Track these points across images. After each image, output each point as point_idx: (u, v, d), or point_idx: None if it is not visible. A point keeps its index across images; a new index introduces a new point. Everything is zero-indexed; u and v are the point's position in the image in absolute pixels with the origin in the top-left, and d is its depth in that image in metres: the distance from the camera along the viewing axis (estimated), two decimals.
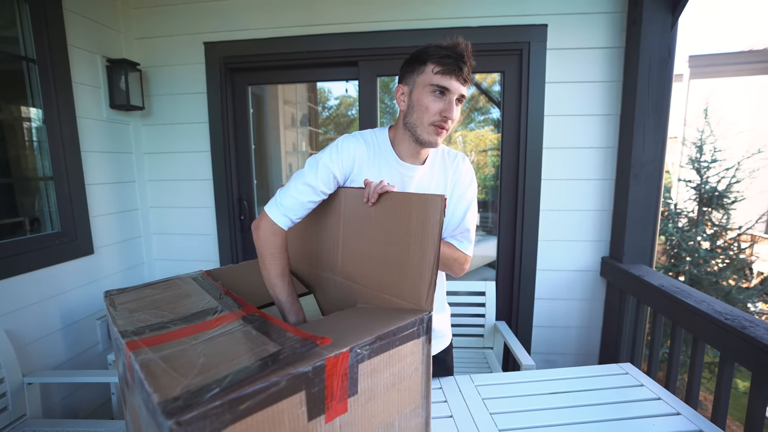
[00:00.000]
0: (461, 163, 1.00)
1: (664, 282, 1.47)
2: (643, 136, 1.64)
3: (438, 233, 0.71)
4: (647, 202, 1.68)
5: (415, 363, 0.72)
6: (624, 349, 1.71)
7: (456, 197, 0.99)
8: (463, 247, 0.96)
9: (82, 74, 1.66)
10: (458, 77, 0.84)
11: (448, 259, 0.94)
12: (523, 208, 1.85)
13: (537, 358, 1.95)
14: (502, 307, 2.00)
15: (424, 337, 0.73)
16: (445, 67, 0.84)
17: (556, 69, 1.76)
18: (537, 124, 1.79)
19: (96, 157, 1.74)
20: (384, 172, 0.93)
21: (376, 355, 0.64)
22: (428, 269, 0.73)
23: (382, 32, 1.82)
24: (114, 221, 1.85)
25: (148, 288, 0.90)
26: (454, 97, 0.86)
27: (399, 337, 0.68)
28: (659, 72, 1.60)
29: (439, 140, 0.90)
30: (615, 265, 1.72)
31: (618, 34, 1.71)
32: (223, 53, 1.92)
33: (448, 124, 0.88)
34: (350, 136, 0.95)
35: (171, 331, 0.66)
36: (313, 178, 0.89)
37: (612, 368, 1.18)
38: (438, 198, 0.71)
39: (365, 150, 0.93)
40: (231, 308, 0.75)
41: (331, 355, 0.57)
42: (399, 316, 0.71)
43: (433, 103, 0.86)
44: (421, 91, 0.87)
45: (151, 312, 0.75)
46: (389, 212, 0.81)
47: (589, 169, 1.80)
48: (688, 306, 1.27)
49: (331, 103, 4.55)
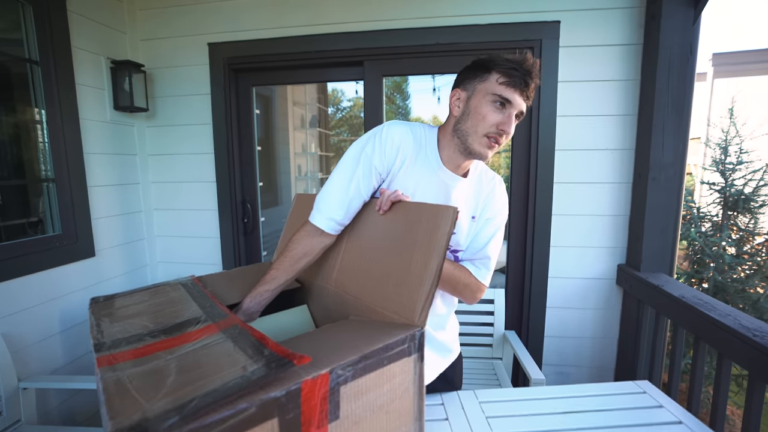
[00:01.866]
0: (497, 186, 0.95)
1: (685, 292, 1.39)
2: (662, 137, 1.56)
3: (444, 244, 0.66)
4: (667, 207, 1.60)
5: (405, 383, 0.67)
6: (642, 364, 1.62)
7: (483, 220, 0.93)
8: (479, 274, 0.89)
9: (85, 76, 1.66)
10: (522, 92, 0.80)
11: (459, 283, 0.88)
12: (535, 213, 1.78)
13: (548, 370, 1.87)
14: (511, 316, 1.93)
15: (415, 355, 0.68)
16: (512, 80, 0.80)
17: (569, 67, 1.69)
18: (549, 124, 1.72)
19: (99, 158, 1.74)
20: (424, 174, 0.87)
21: (362, 375, 0.59)
22: (428, 281, 0.68)
23: (387, 31, 1.78)
24: (116, 223, 1.86)
25: (136, 294, 0.87)
26: (514, 112, 0.81)
27: (388, 355, 0.63)
28: (680, 70, 1.52)
29: (489, 154, 0.84)
30: (632, 273, 1.63)
31: (635, 30, 1.63)
32: (227, 54, 1.91)
33: (502, 138, 0.83)
34: (397, 123, 0.87)
35: (148, 344, 0.62)
36: (352, 170, 0.84)
37: (628, 386, 1.10)
38: (450, 209, 0.67)
39: (412, 143, 0.86)
40: (214, 318, 0.71)
41: (308, 377, 0.52)
42: (388, 332, 0.66)
43: (491, 114, 0.81)
44: (481, 99, 0.82)
45: (132, 322, 0.72)
46: (399, 221, 0.78)
47: (604, 171, 1.73)
48: (712, 320, 1.18)
49: (342, 104, 4.53)
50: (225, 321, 0.69)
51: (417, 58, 1.84)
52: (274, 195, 3.45)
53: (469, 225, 0.92)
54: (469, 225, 0.92)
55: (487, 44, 1.73)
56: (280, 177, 3.74)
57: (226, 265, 2.07)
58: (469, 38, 1.74)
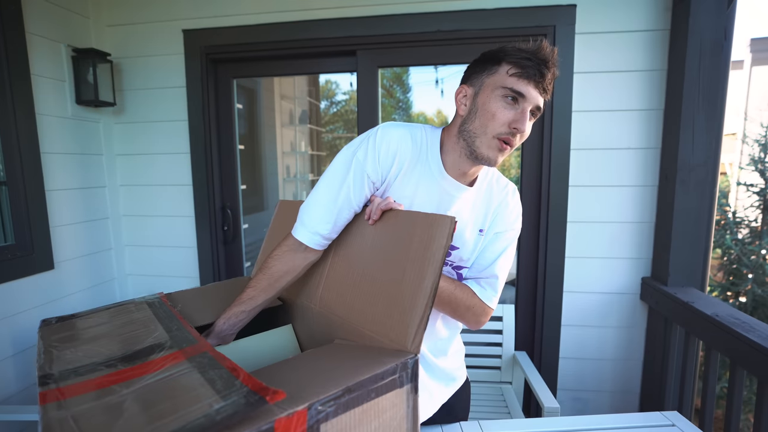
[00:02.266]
0: (510, 197, 0.92)
1: (720, 310, 1.37)
2: (692, 134, 1.55)
3: (441, 259, 0.65)
4: (698, 213, 1.59)
5: (397, 418, 0.66)
6: (671, 391, 1.60)
7: (492, 234, 0.91)
8: (484, 295, 0.86)
9: (42, 66, 1.66)
10: (537, 84, 0.77)
11: (460, 305, 0.85)
12: (548, 220, 1.77)
13: (564, 395, 1.86)
14: (522, 335, 1.92)
15: (408, 386, 0.66)
16: (524, 70, 0.76)
17: (586, 57, 1.69)
18: (563, 121, 1.72)
19: (59, 159, 1.74)
20: (423, 183, 0.84)
21: (345, 411, 0.58)
22: (422, 302, 0.67)
23: (383, 17, 1.78)
24: (79, 232, 1.84)
25: (94, 315, 0.86)
26: (528, 107, 0.78)
27: (375, 387, 0.61)
28: (712, 58, 1.51)
29: (500, 158, 0.81)
30: (658, 288, 1.62)
31: (661, 14, 1.63)
32: (205, 42, 1.91)
33: (515, 139, 0.79)
34: (394, 125, 0.84)
35: (103, 375, 0.61)
36: (341, 178, 0.82)
37: (655, 418, 1.09)
38: (447, 219, 0.66)
39: (410, 147, 0.83)
40: (181, 344, 0.70)
41: (282, 415, 0.51)
42: (377, 359, 0.65)
43: (502, 111, 0.78)
44: (489, 94, 0.79)
45: (87, 348, 0.70)
46: (389, 233, 0.77)
47: (625, 173, 1.72)
48: (751, 342, 1.17)
49: (335, 98, 4.53)
50: (193, 347, 0.68)
51: (416, 48, 1.83)
52: (258, 199, 3.44)
53: (476, 239, 0.90)
54: (476, 239, 0.90)
55: (494, 31, 1.73)
56: (266, 179, 3.73)
57: (203, 278, 2.06)
58: (475, 24, 1.73)
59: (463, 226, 0.89)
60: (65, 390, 0.57)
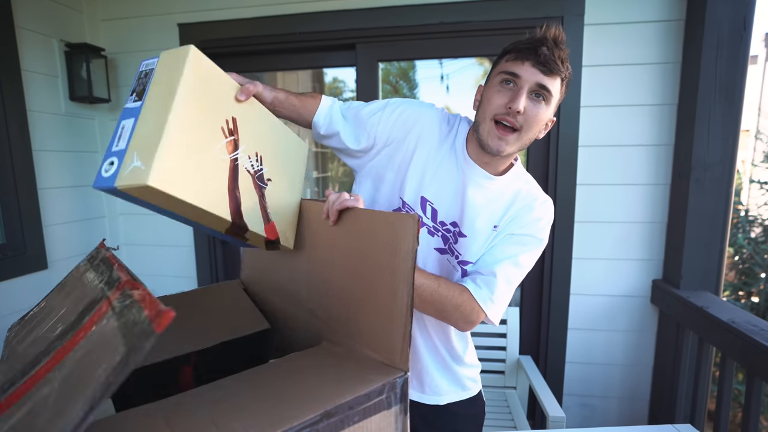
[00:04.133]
0: (538, 203, 0.86)
1: (736, 317, 1.29)
2: (708, 130, 1.48)
3: (411, 267, 0.59)
4: (713, 213, 1.51)
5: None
6: (682, 398, 1.53)
7: (506, 234, 0.85)
8: (478, 294, 0.79)
9: (34, 61, 1.62)
10: (536, 64, 0.75)
11: (447, 304, 0.78)
12: (554, 219, 1.70)
13: (571, 401, 1.79)
14: (527, 339, 1.86)
15: (397, 407, 0.60)
16: (519, 53, 0.77)
17: (595, 49, 1.62)
18: (571, 116, 1.65)
19: (52, 156, 1.70)
20: (447, 161, 0.88)
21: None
22: (400, 317, 0.60)
23: (383, 8, 1.72)
24: (74, 231, 1.81)
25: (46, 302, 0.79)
26: (525, 86, 0.76)
27: (359, 410, 0.55)
28: (730, 49, 1.43)
29: (500, 147, 0.79)
30: (670, 291, 1.55)
31: (676, 4, 1.56)
32: (201, 36, 1.86)
33: (517, 120, 0.77)
34: (431, 106, 0.92)
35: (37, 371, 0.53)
36: (359, 109, 0.92)
37: (666, 431, 1.02)
38: (409, 219, 0.59)
39: (437, 129, 0.89)
40: (111, 285, 0.60)
41: None
42: (361, 377, 0.59)
43: (497, 94, 0.79)
44: (491, 83, 0.82)
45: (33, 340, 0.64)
46: (354, 236, 0.70)
47: (636, 171, 1.65)
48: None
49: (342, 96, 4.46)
50: (119, 285, 0.59)
51: (418, 40, 1.77)
52: None
53: (488, 234, 0.85)
54: (488, 234, 0.85)
55: (500, 23, 1.66)
56: None
57: (200, 277, 2.02)
58: (479, 16, 1.66)
59: (475, 213, 0.85)
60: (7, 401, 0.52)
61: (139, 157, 0.54)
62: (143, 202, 0.60)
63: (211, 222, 0.65)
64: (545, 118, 0.79)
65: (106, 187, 0.55)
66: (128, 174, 0.54)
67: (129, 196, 0.58)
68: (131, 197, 0.58)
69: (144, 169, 0.53)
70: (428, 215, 0.87)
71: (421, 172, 0.87)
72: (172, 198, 0.56)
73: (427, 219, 0.87)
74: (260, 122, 0.75)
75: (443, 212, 0.87)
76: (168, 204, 0.59)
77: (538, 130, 0.81)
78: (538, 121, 0.78)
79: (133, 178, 0.53)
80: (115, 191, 0.55)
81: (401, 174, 0.88)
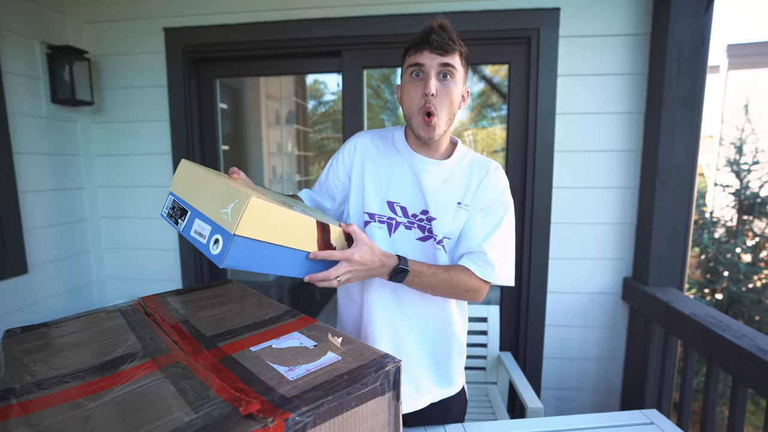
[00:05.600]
0: (492, 172, 0.97)
1: (697, 310, 1.39)
2: (671, 136, 1.58)
3: None
4: (677, 214, 1.61)
5: (378, 426, 0.64)
6: (650, 388, 1.62)
7: (479, 210, 0.95)
8: (482, 273, 0.92)
9: (15, 63, 1.59)
10: (431, 48, 0.85)
11: (459, 289, 0.90)
12: (531, 221, 1.78)
13: (548, 394, 1.87)
14: (507, 336, 1.92)
15: (390, 393, 0.65)
16: (417, 45, 0.87)
17: (569, 60, 1.70)
18: (547, 123, 1.73)
19: (33, 159, 1.68)
20: (395, 162, 0.98)
21: (324, 421, 0.56)
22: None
23: (368, 18, 1.77)
24: (55, 234, 1.78)
25: (63, 324, 0.83)
26: (431, 71, 0.86)
27: (355, 396, 0.60)
28: (691, 62, 1.54)
29: (431, 133, 0.89)
30: (639, 288, 1.64)
31: (643, 19, 1.65)
32: (187, 41, 1.87)
33: (433, 105, 0.87)
34: (361, 132, 1.06)
35: (69, 388, 0.58)
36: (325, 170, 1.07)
37: (634, 416, 1.10)
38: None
39: (372, 141, 1.02)
40: (154, 354, 0.67)
41: (258, 427, 0.49)
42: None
43: (411, 88, 0.88)
44: (404, 80, 0.91)
45: (53, 360, 0.67)
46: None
47: (607, 175, 1.74)
48: (726, 341, 1.19)
49: (323, 98, 4.49)
50: (166, 357, 0.66)
51: (402, 48, 1.81)
52: None
53: (455, 211, 0.94)
54: (455, 211, 0.94)
55: (479, 33, 1.73)
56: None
57: (186, 281, 2.02)
58: (459, 26, 1.72)
59: (436, 195, 0.94)
60: (29, 404, 0.54)
61: (226, 210, 0.62)
62: (251, 255, 0.65)
63: (303, 236, 0.73)
64: (458, 91, 0.89)
65: (225, 249, 0.60)
66: (231, 220, 0.60)
67: (244, 253, 0.63)
68: (245, 254, 0.64)
69: (239, 202, 0.60)
70: (400, 213, 0.96)
71: (378, 183, 0.98)
72: (274, 213, 0.64)
73: (401, 217, 0.96)
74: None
75: (411, 206, 0.96)
76: (270, 227, 0.65)
77: (456, 104, 0.91)
78: (452, 97, 0.88)
79: (237, 213, 0.60)
80: (235, 242, 0.60)
81: (360, 193, 0.99)
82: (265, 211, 0.63)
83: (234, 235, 0.59)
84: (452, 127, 0.96)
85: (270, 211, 0.64)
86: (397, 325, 0.97)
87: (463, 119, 2.13)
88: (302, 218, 0.71)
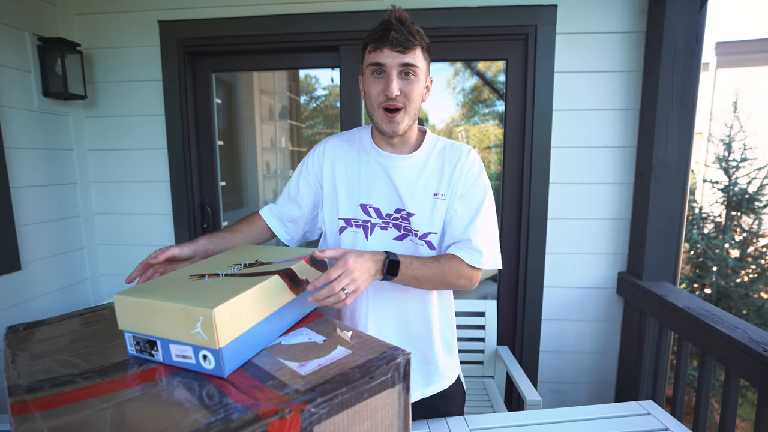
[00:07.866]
0: (464, 157, 0.95)
1: (691, 303, 1.43)
2: (666, 133, 1.61)
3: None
4: (671, 210, 1.64)
5: (389, 417, 0.65)
6: (645, 380, 1.66)
7: (458, 198, 0.94)
8: (471, 260, 0.91)
9: (5, 55, 1.56)
10: (391, 46, 0.83)
11: (451, 277, 0.90)
12: (528, 216, 1.80)
13: (545, 387, 1.90)
14: (504, 330, 1.95)
15: (400, 385, 0.66)
16: (376, 42, 0.85)
17: (566, 57, 1.72)
18: (544, 119, 1.75)
19: (25, 154, 1.65)
20: (363, 161, 0.98)
21: (338, 412, 0.57)
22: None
23: (366, 12, 1.76)
24: (49, 230, 1.76)
25: (65, 322, 0.82)
26: (393, 71, 0.85)
27: (368, 387, 0.61)
28: (685, 60, 1.56)
29: (394, 128, 0.89)
30: (633, 282, 1.67)
31: (638, 17, 1.67)
32: (182, 34, 1.85)
33: (396, 103, 0.86)
34: (329, 138, 1.04)
35: (78, 388, 0.58)
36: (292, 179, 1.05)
37: (631, 407, 1.13)
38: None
39: (340, 145, 1.01)
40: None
41: (275, 418, 0.50)
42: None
43: (372, 86, 0.88)
44: (364, 77, 0.90)
45: (59, 358, 0.67)
46: None
47: (603, 171, 1.76)
48: (719, 333, 1.22)
49: (316, 93, 4.47)
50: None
51: None
52: (238, 196, 3.36)
53: (433, 203, 0.94)
54: (433, 203, 0.94)
55: (476, 29, 1.74)
56: (246, 175, 3.65)
57: None
58: (457, 23, 1.74)
59: (410, 190, 0.94)
60: (38, 402, 0.54)
61: (196, 329, 0.60)
62: (246, 345, 0.65)
63: (277, 296, 0.72)
64: (420, 88, 0.89)
65: (219, 361, 0.60)
66: (208, 338, 0.59)
67: (238, 350, 0.63)
68: (240, 350, 0.64)
69: (204, 319, 0.58)
70: (374, 215, 0.95)
71: (350, 187, 0.97)
72: (241, 303, 0.63)
73: (376, 219, 0.95)
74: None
75: (385, 205, 0.95)
76: (245, 314, 0.64)
77: (420, 99, 0.91)
78: (415, 94, 0.88)
79: (210, 329, 0.58)
80: (224, 352, 0.60)
81: (333, 199, 0.99)
82: (233, 308, 0.61)
83: (220, 348, 0.59)
84: (443, 124, 0.97)
85: (237, 305, 0.62)
86: (382, 326, 0.97)
87: (455, 115, 2.13)
88: (266, 284, 0.68)
